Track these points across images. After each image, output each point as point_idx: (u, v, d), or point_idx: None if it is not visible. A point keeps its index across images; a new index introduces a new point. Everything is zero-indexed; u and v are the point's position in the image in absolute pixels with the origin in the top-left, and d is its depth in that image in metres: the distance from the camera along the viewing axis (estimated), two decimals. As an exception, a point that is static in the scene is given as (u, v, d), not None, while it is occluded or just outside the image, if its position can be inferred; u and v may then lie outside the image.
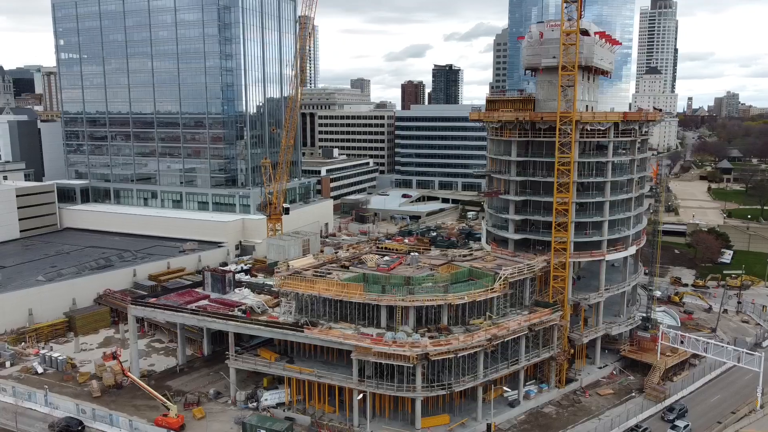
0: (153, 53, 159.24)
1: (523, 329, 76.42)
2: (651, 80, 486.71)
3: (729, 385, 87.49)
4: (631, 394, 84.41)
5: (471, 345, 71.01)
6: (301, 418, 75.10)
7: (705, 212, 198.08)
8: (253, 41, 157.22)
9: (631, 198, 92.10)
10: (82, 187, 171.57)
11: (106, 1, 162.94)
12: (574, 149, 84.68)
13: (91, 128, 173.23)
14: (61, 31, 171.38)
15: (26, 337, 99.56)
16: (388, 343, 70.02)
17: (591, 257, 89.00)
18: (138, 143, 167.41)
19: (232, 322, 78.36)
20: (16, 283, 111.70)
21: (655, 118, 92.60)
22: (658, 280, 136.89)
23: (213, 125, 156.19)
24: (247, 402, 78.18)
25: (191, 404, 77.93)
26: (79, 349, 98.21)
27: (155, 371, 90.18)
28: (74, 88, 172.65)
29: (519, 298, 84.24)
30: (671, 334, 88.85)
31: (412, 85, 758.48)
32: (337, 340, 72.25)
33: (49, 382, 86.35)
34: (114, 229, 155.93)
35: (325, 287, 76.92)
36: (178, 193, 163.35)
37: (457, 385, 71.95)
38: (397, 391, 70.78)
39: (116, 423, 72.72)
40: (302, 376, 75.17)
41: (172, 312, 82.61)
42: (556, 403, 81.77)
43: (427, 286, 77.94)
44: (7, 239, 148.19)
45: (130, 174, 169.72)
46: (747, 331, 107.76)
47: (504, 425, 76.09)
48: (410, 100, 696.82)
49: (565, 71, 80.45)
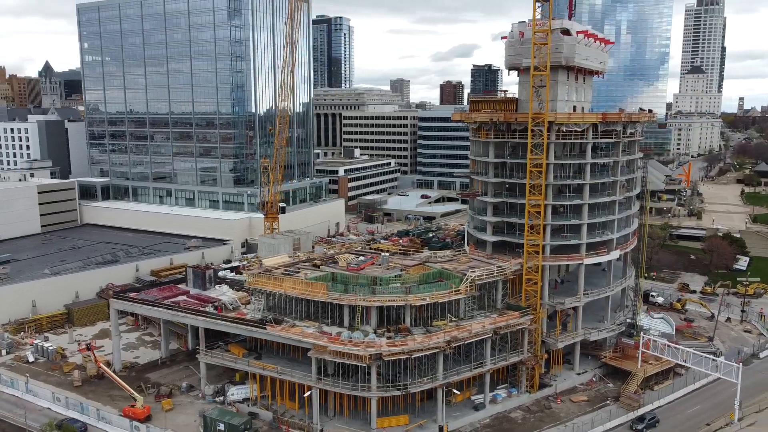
0: (168, 55, 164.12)
1: (487, 332, 75.61)
2: (694, 80, 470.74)
3: (712, 396, 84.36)
4: (606, 402, 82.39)
5: (427, 346, 70.74)
6: (264, 413, 76.40)
7: (731, 217, 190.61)
8: (264, 43, 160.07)
9: (615, 201, 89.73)
10: (102, 184, 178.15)
11: (126, 5, 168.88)
12: (550, 151, 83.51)
13: (112, 128, 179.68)
14: (85, 34, 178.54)
15: (25, 328, 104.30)
16: (344, 342, 70.52)
17: (569, 261, 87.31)
18: (154, 143, 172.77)
19: (201, 318, 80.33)
20: (22, 276, 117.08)
21: (641, 119, 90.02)
22: (666, 286, 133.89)
23: (223, 125, 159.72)
24: (214, 396, 79.98)
25: (162, 396, 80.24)
26: (74, 340, 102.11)
27: (138, 363, 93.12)
28: (97, 89, 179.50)
29: (490, 300, 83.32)
30: (652, 342, 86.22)
31: (451, 85, 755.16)
32: (296, 337, 73.20)
33: (38, 370, 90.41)
34: (129, 225, 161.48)
35: (292, 286, 77.94)
36: (191, 191, 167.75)
37: (414, 386, 71.79)
38: (352, 390, 71.18)
39: (86, 411, 75.54)
40: (265, 372, 76.45)
41: (148, 306, 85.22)
42: (525, 409, 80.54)
43: (394, 286, 78.00)
44: (28, 233, 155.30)
45: (148, 172, 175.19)
46: (747, 341, 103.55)
47: (465, 428, 75.51)
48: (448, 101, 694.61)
49: (544, 71, 79.23)
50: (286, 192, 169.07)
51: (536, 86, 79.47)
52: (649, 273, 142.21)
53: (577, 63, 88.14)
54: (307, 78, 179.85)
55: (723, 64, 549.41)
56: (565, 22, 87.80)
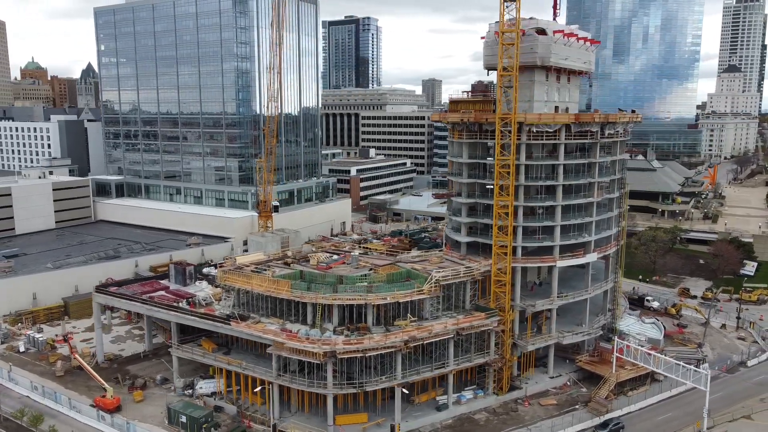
0: (177, 57, 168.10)
1: (448, 332, 75.57)
2: (730, 79, 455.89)
3: (687, 404, 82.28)
4: (575, 406, 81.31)
5: (383, 345, 71.19)
6: (229, 407, 78.06)
7: (748, 221, 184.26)
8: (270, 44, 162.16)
9: (593, 202, 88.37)
10: (117, 182, 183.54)
11: (139, 8, 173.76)
12: (521, 151, 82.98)
13: (126, 127, 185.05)
14: (101, 37, 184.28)
15: (23, 319, 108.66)
16: (301, 339, 71.55)
17: (541, 263, 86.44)
18: (165, 142, 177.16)
19: (173, 313, 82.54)
20: (25, 269, 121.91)
21: (619, 120, 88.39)
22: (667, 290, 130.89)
23: (229, 125, 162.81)
24: (184, 389, 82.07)
25: (135, 388, 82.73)
26: (66, 332, 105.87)
27: (122, 356, 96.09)
28: (112, 89, 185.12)
29: (459, 301, 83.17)
30: (625, 347, 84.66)
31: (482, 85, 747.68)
32: (257, 333, 74.63)
33: (26, 360, 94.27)
34: (138, 222, 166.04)
35: (259, 283, 79.42)
36: (199, 189, 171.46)
37: (371, 384, 72.33)
38: (309, 386, 72.17)
39: (59, 400, 78.50)
40: (230, 367, 78.13)
41: (126, 300, 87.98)
42: (491, 410, 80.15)
43: (360, 285, 78.61)
44: (43, 229, 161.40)
45: (159, 171, 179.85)
46: (739, 349, 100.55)
47: (426, 428, 75.64)
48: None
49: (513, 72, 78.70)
50: (290, 191, 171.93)
51: (504, 86, 78.90)
52: (651, 277, 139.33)
53: (553, 63, 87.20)
54: (314, 78, 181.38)
55: (763, 62, 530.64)
56: (541, 22, 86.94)
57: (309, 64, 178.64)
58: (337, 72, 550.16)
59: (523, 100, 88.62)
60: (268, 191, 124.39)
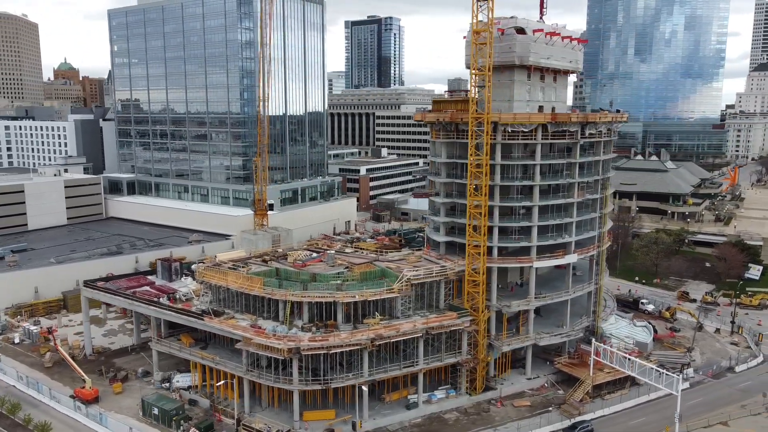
0: (185, 57, 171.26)
1: (416, 331, 75.75)
2: (760, 77, 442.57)
3: (664, 409, 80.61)
4: (549, 408, 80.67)
5: (348, 343, 71.81)
6: (203, 401, 79.67)
7: (763, 224, 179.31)
8: (275, 45, 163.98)
9: (573, 203, 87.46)
10: (128, 180, 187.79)
11: (149, 10, 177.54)
12: (496, 151, 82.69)
13: (138, 126, 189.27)
14: (115, 38, 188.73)
15: (22, 312, 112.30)
16: (268, 335, 72.61)
17: (518, 263, 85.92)
18: (173, 141, 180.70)
19: (152, 307, 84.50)
20: (29, 264, 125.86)
21: (599, 120, 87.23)
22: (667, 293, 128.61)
23: (234, 125, 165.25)
24: (162, 383, 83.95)
25: (116, 380, 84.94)
26: (62, 325, 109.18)
27: (110, 349, 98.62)
28: (125, 89, 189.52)
29: (432, 300, 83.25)
30: (602, 350, 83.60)
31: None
32: (227, 329, 75.95)
33: (19, 351, 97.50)
34: (147, 219, 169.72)
35: (233, 280, 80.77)
36: (206, 188, 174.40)
37: (336, 381, 72.98)
38: (275, 382, 73.20)
39: (41, 390, 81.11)
40: (203, 361, 79.70)
41: (110, 295, 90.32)
42: (463, 410, 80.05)
43: (334, 283, 79.30)
44: (55, 225, 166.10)
45: (168, 169, 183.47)
46: (729, 354, 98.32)
47: (394, 426, 75.96)
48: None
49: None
50: (294, 190, 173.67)
51: (477, 86, 78.70)
52: (652, 280, 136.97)
53: (533, 62, 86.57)
54: (320, 78, 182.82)
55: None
56: (520, 21, 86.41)
57: (315, 65, 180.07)
58: (359, 71, 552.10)
59: (502, 100, 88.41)
60: (263, 190, 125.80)
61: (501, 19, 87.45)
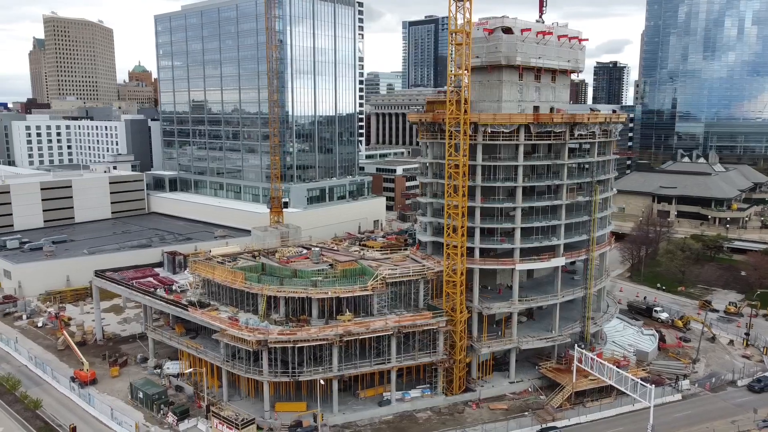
0: (221, 60, 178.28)
1: (387, 329, 76.67)
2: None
3: (644, 420, 77.50)
4: (525, 413, 79.64)
5: (316, 338, 73.68)
6: (188, 388, 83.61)
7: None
8: (303, 48, 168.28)
9: (561, 205, 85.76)
10: (171, 177, 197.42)
11: (190, 14, 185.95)
12: (477, 152, 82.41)
13: (179, 126, 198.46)
14: (160, 42, 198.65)
15: (51, 298, 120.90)
16: (241, 327, 75.55)
17: (499, 265, 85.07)
18: (210, 140, 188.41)
19: (147, 297, 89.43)
20: (65, 254, 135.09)
21: (585, 121, 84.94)
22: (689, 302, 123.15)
23: (264, 124, 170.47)
24: (155, 369, 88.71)
25: (115, 364, 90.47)
26: (84, 312, 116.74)
27: (120, 336, 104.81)
28: (168, 91, 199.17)
29: (412, 299, 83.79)
30: (584, 357, 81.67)
31: (573, 84, 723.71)
32: (206, 320, 79.50)
33: (40, 334, 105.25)
34: (183, 215, 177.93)
35: (219, 273, 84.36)
36: (239, 185, 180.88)
37: (305, 374, 74.99)
38: (246, 372, 76.04)
39: (46, 371, 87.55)
40: (187, 349, 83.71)
41: (114, 284, 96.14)
42: (437, 410, 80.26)
43: (315, 279, 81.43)
44: (100, 218, 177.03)
45: (205, 167, 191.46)
46: (737, 367, 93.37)
47: (364, 422, 77.20)
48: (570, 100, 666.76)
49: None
50: (322, 188, 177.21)
51: (453, 87, 78.60)
52: (677, 287, 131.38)
53: (521, 62, 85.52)
54: (352, 80, 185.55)
55: None
56: (508, 21, 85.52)
57: (346, 66, 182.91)
58: (416, 71, 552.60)
59: (492, 100, 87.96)
60: (278, 188, 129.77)
61: (489, 19, 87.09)
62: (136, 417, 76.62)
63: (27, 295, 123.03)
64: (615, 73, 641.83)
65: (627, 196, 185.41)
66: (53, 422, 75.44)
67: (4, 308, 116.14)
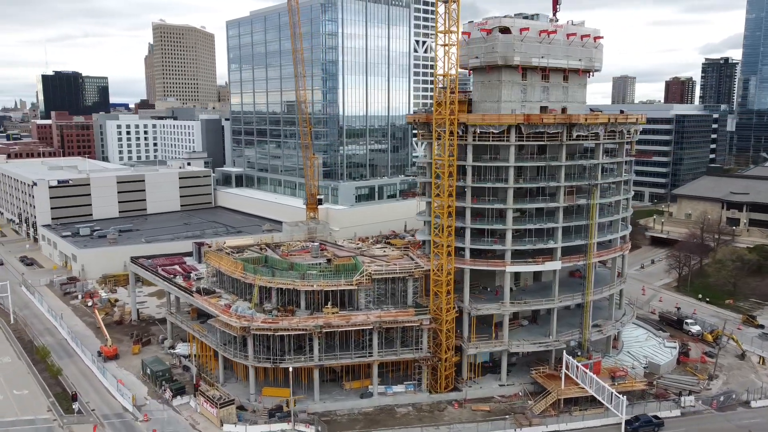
0: (281, 63, 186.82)
1: (368, 324, 78.87)
2: None
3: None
4: (506, 416, 78.92)
5: (295, 327, 77.35)
6: (194, 368, 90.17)
7: None
8: (354, 50, 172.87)
9: (558, 207, 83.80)
10: (237, 173, 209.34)
11: (256, 20, 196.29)
12: (467, 152, 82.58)
13: (246, 126, 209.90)
14: (231, 46, 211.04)
15: (106, 281, 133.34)
16: (231, 314, 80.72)
17: (489, 266, 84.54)
18: (271, 139, 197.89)
19: (165, 283, 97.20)
20: (126, 241, 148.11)
21: (582, 122, 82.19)
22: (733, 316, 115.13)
23: (316, 124, 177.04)
24: (169, 349, 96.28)
25: (138, 342, 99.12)
26: (130, 294, 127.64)
27: (154, 317, 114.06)
28: (236, 92, 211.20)
29: (400, 297, 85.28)
30: (572, 365, 79.52)
31: (678, 82, 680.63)
32: (204, 305, 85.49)
33: (87, 312, 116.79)
34: (244, 209, 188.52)
35: (224, 263, 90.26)
36: (294, 182, 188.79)
37: (285, 362, 78.80)
38: (234, 356, 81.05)
39: (78, 344, 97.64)
40: (192, 332, 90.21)
41: (143, 270, 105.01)
42: (418, 407, 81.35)
43: (309, 273, 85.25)
44: (170, 210, 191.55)
45: (267, 164, 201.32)
46: (757, 387, 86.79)
47: (343, 411, 79.81)
48: (674, 99, 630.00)
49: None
50: (371, 187, 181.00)
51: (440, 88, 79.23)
52: (725, 299, 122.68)
53: (521, 62, 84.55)
54: (406, 81, 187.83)
55: None
56: (505, 20, 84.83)
57: (400, 67, 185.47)
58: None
59: (492, 100, 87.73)
60: (312, 184, 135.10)
61: (489, 19, 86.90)
62: (142, 391, 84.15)
63: (89, 277, 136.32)
64: (726, 70, 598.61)
65: (694, 201, 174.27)
66: (70, 389, 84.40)
67: (66, 288, 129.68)
